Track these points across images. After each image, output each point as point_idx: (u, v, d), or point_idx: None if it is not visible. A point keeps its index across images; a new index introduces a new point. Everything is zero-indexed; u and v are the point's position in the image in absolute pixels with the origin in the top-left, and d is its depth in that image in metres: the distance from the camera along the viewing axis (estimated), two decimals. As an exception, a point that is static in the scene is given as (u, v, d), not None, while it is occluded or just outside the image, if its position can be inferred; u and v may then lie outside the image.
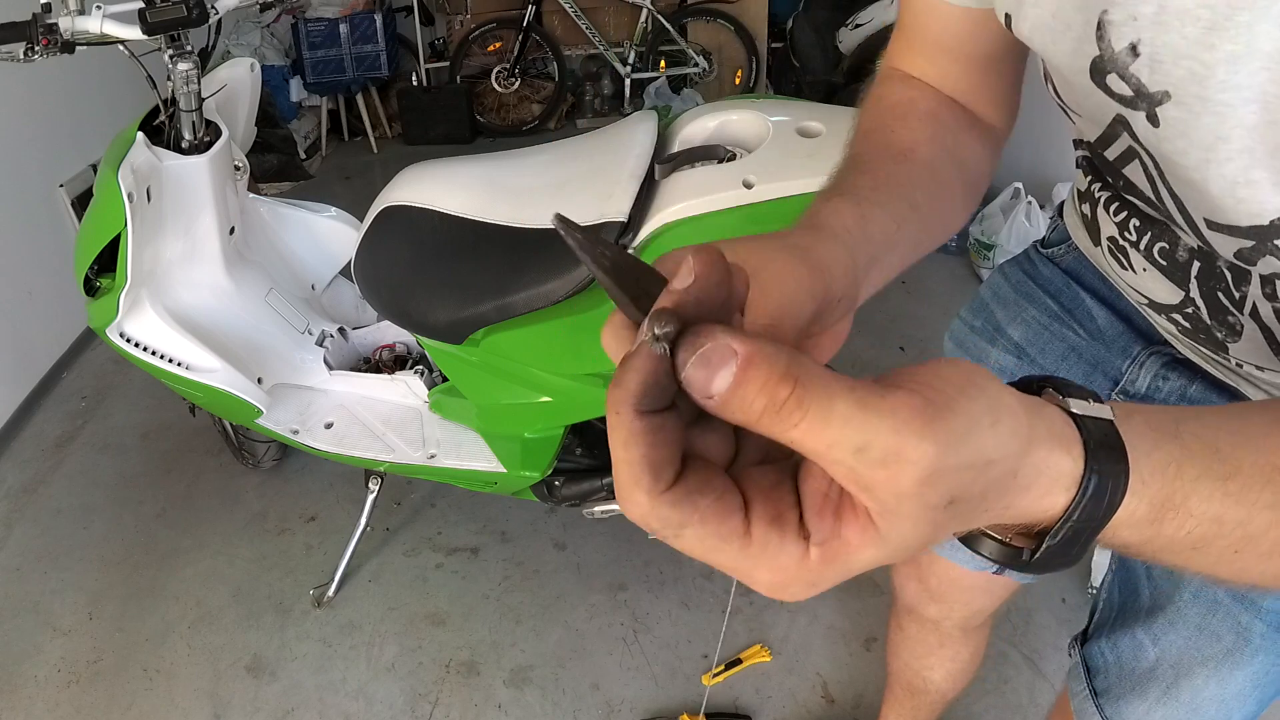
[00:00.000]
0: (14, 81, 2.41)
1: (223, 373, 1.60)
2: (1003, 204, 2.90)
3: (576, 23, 4.55)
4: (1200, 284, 0.59)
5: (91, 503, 2.15)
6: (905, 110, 0.58)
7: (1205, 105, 0.41)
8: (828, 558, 0.28)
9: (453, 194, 1.39)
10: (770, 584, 0.28)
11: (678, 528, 0.27)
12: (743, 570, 0.28)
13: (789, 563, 0.28)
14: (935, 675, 1.21)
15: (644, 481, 0.27)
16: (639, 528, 1.89)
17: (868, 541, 0.27)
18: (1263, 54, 0.38)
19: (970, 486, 0.27)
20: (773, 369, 0.26)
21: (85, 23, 1.38)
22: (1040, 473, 0.30)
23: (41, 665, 1.74)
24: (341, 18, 4.18)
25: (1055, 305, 0.82)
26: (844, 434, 0.25)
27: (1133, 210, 0.63)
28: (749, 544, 0.28)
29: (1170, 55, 0.41)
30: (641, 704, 1.62)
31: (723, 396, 0.26)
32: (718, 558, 0.28)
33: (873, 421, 0.25)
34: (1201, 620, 0.73)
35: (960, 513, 0.28)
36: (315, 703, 1.65)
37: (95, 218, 1.55)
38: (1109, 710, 0.82)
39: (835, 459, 0.26)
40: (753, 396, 0.26)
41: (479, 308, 1.34)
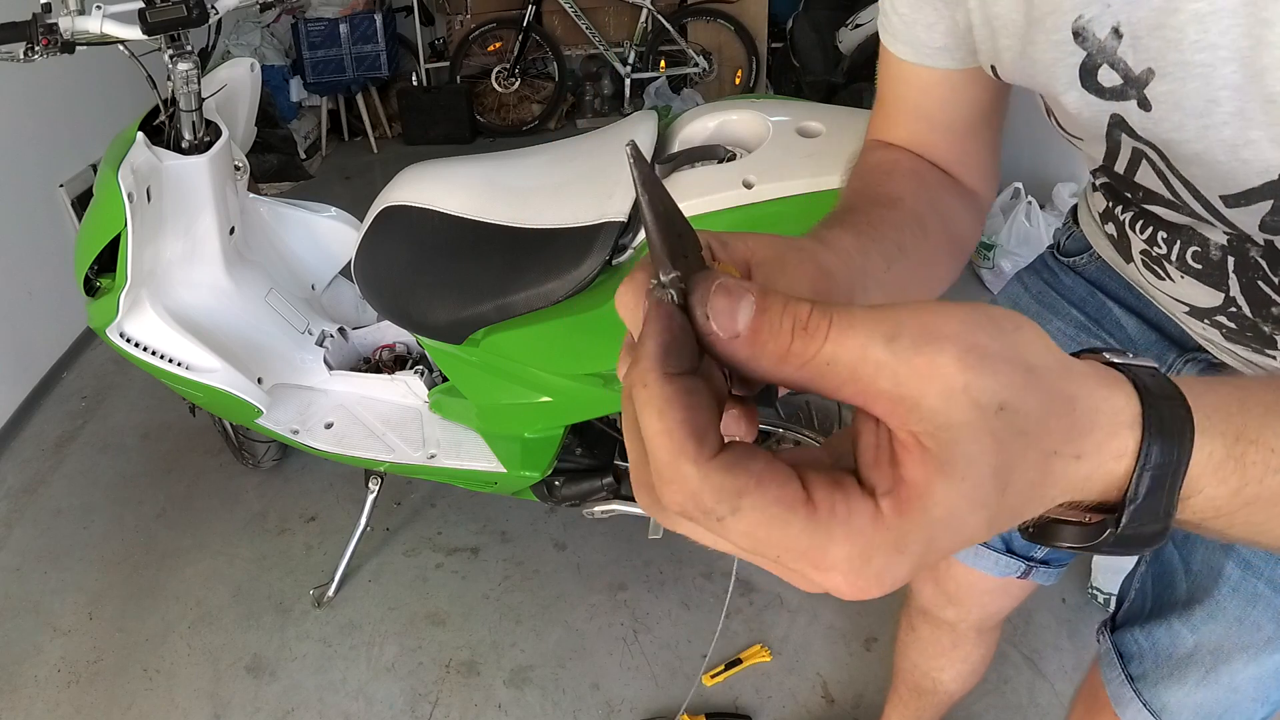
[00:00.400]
0: (14, 81, 2.41)
1: (223, 373, 1.60)
2: (1003, 204, 2.90)
3: (576, 23, 4.55)
4: (1239, 278, 0.59)
5: (91, 503, 2.15)
6: (890, 168, 0.59)
7: (1187, 70, 0.42)
8: (901, 507, 0.25)
9: (453, 194, 1.39)
10: (850, 560, 0.24)
11: (735, 498, 0.24)
12: (815, 549, 0.24)
13: (863, 523, 0.24)
14: (944, 676, 1.21)
15: (689, 449, 0.24)
16: (638, 528, 1.90)
17: (933, 472, 0.24)
18: (1229, 10, 0.39)
19: (1020, 393, 0.25)
20: (786, 296, 0.26)
21: (85, 23, 1.38)
22: (1097, 410, 0.28)
23: (41, 665, 1.74)
24: (341, 18, 4.18)
25: (1081, 315, 0.81)
26: (872, 328, 0.24)
27: (1157, 222, 0.63)
28: (815, 511, 0.24)
29: (1145, 29, 0.43)
30: (641, 704, 1.62)
31: (750, 325, 0.25)
32: (783, 536, 0.24)
33: (896, 313, 0.25)
34: (1241, 612, 0.74)
35: (1019, 428, 0.25)
36: (315, 703, 1.65)
37: (95, 218, 1.55)
38: (1147, 694, 0.82)
39: (872, 360, 0.24)
40: (778, 319, 0.25)
41: (479, 308, 1.34)
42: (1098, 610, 1.74)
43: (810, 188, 1.17)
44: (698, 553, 1.91)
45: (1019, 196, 2.85)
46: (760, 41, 4.65)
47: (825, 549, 0.24)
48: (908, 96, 0.61)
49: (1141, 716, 0.83)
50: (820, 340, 0.25)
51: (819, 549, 0.24)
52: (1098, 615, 1.74)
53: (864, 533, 0.24)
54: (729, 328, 0.25)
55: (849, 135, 1.24)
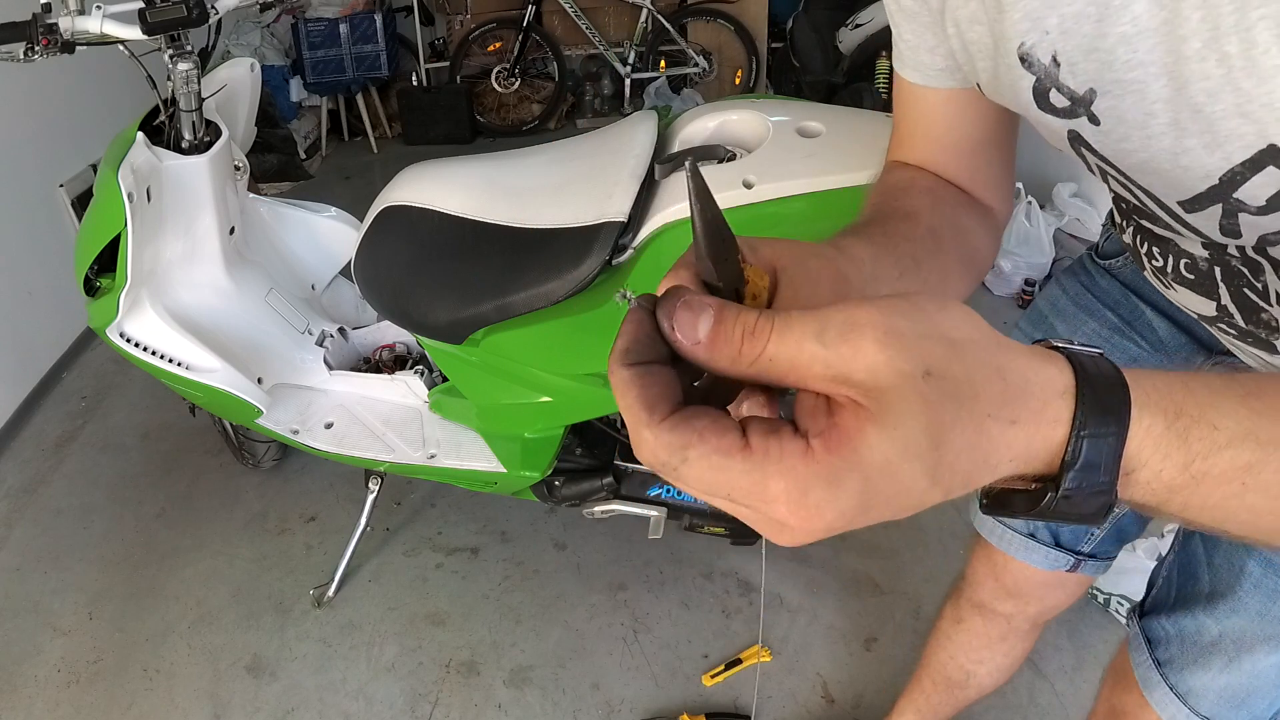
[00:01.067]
0: (14, 81, 2.41)
1: (223, 373, 1.60)
2: (1003, 204, 2.90)
3: (576, 23, 4.55)
4: (1227, 287, 0.61)
5: (91, 503, 2.15)
6: (907, 186, 0.63)
7: (1123, 87, 0.45)
8: (830, 445, 0.28)
9: (453, 194, 1.39)
10: (789, 492, 0.28)
11: (682, 450, 0.29)
12: (756, 486, 0.28)
13: (795, 460, 0.28)
14: (981, 669, 1.22)
15: (643, 416, 0.29)
16: (638, 528, 1.90)
17: (865, 420, 0.28)
18: (1150, 29, 0.42)
19: (943, 361, 0.29)
20: (738, 307, 0.30)
21: (85, 23, 1.38)
22: (1028, 380, 0.31)
23: (41, 665, 1.74)
24: (341, 18, 4.18)
25: (1115, 318, 0.84)
26: (804, 327, 0.29)
27: (1148, 235, 0.66)
28: (750, 453, 0.28)
29: (1080, 54, 0.46)
30: (641, 704, 1.62)
31: (710, 334, 0.30)
32: (727, 478, 0.28)
33: (825, 311, 0.29)
34: (1263, 607, 0.77)
35: (949, 391, 0.28)
36: (315, 703, 1.65)
37: (95, 218, 1.55)
38: (1173, 678, 0.86)
39: (806, 353, 0.29)
40: (730, 328, 0.30)
41: (479, 308, 1.34)
42: (1097, 611, 1.74)
43: (810, 188, 1.17)
44: (697, 553, 1.91)
45: (1019, 196, 2.85)
46: (760, 41, 4.65)
47: (764, 484, 0.28)
48: (918, 118, 0.64)
49: (1168, 699, 0.86)
50: (764, 341, 0.29)
51: (759, 485, 0.28)
52: (1098, 616, 1.74)
53: (796, 468, 0.28)
54: (690, 336, 0.30)
55: (849, 135, 1.24)
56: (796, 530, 0.29)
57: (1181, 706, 0.85)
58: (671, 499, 1.65)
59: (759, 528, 0.31)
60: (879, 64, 3.14)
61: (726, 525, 1.69)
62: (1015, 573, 1.04)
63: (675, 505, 1.65)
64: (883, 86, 3.18)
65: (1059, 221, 2.88)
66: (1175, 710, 0.86)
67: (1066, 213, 2.90)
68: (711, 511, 1.66)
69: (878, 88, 3.17)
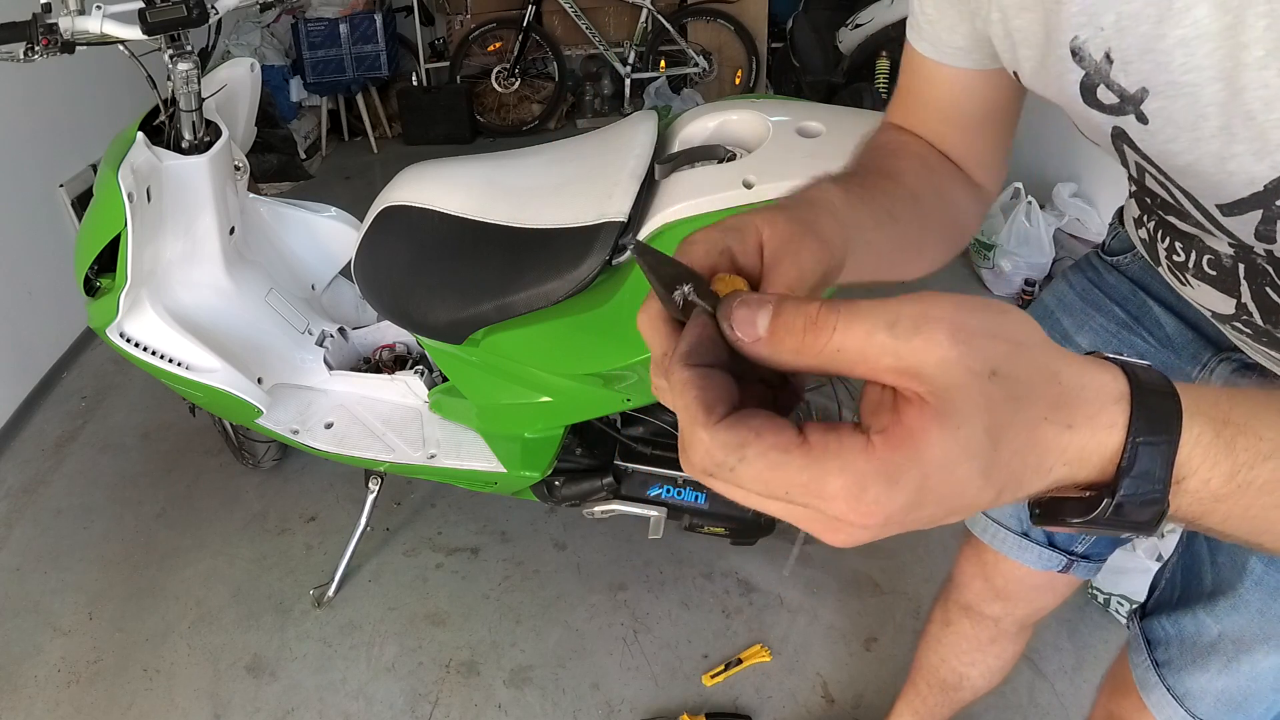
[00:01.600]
0: (14, 81, 2.41)
1: (223, 373, 1.60)
2: (1003, 204, 2.90)
3: (576, 23, 4.55)
4: (1249, 284, 0.61)
5: (91, 503, 2.15)
6: (896, 148, 0.62)
7: (1177, 89, 0.45)
8: (892, 441, 0.28)
9: (453, 194, 1.39)
10: (847, 489, 0.27)
11: (739, 449, 0.28)
12: (814, 482, 0.28)
13: (855, 457, 0.28)
14: (974, 672, 1.22)
15: (699, 417, 0.29)
16: (638, 528, 1.90)
17: (929, 419, 0.28)
18: (1211, 34, 0.41)
19: (1008, 361, 0.29)
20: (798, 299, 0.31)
21: (85, 23, 1.38)
22: (1084, 385, 0.31)
23: (41, 665, 1.74)
24: (341, 18, 4.18)
25: (1123, 314, 0.84)
26: (874, 317, 0.28)
27: (1173, 230, 0.65)
28: (809, 449, 0.28)
29: (1136, 53, 0.46)
30: (641, 704, 1.62)
31: (769, 328, 0.30)
32: (785, 475, 0.28)
33: (895, 304, 0.29)
34: (1263, 605, 0.77)
35: (1010, 393, 0.28)
36: (315, 703, 1.65)
37: (95, 218, 1.55)
38: (1171, 680, 0.86)
39: (876, 344, 0.28)
40: (791, 319, 0.30)
41: (479, 308, 1.34)
42: (1097, 611, 1.74)
43: (810, 188, 1.17)
44: (698, 553, 1.91)
45: (1019, 196, 2.85)
46: (760, 41, 4.65)
47: (823, 480, 0.28)
48: (924, 90, 0.64)
49: (1165, 701, 0.86)
50: (829, 332, 0.29)
51: (817, 481, 0.28)
52: (1098, 616, 1.74)
53: (855, 463, 0.28)
54: (750, 333, 0.31)
55: (849, 135, 1.24)
56: (853, 527, 0.29)
57: (1179, 709, 0.85)
58: (671, 499, 1.65)
59: (814, 528, 0.30)
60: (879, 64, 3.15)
61: (726, 526, 1.69)
62: (1006, 573, 1.03)
63: (675, 505, 1.65)
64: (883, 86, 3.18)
65: (1059, 221, 2.88)
66: (1173, 713, 0.85)
67: (1066, 213, 2.90)
68: (712, 511, 1.66)
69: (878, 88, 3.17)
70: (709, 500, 1.65)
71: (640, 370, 1.31)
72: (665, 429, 1.62)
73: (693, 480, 1.64)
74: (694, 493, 1.65)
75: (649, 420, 1.62)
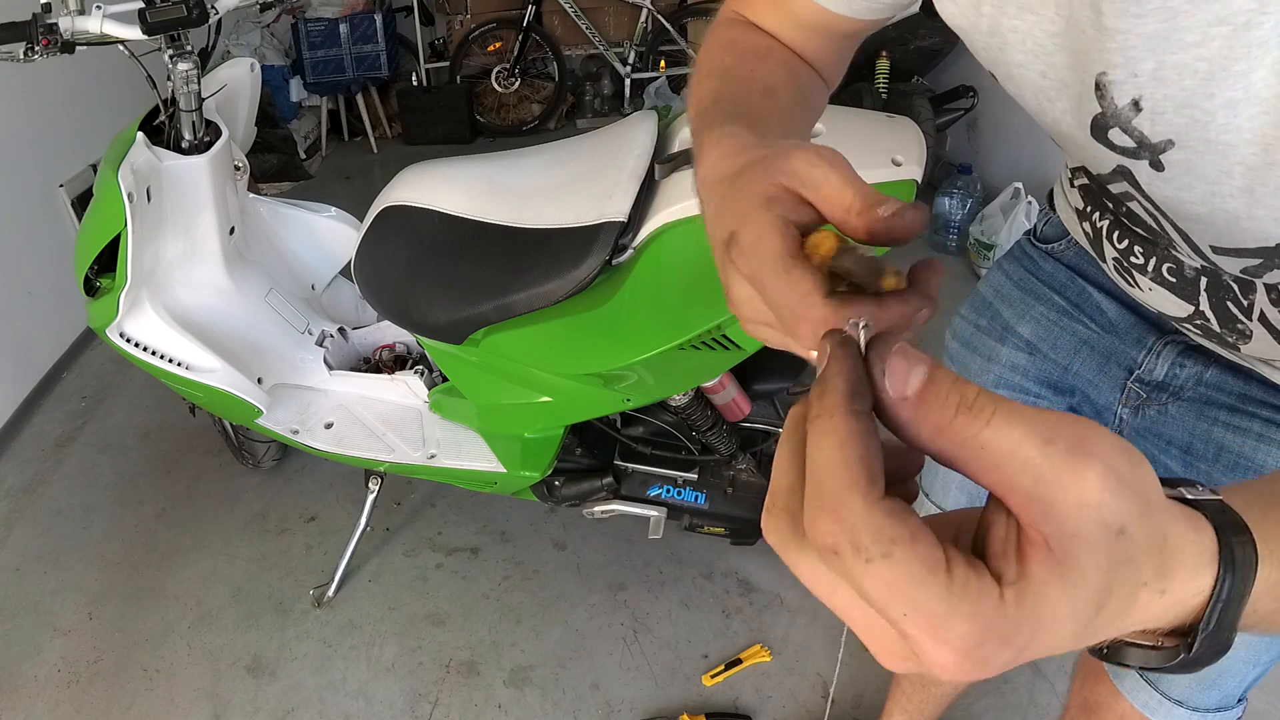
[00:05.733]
0: (14, 81, 2.40)
1: (223, 373, 1.60)
2: (1003, 204, 2.90)
3: (576, 23, 4.55)
4: (1209, 296, 0.60)
5: (91, 503, 2.15)
6: (763, 54, 0.58)
7: (1209, 146, 0.42)
8: (1021, 598, 0.25)
9: (453, 194, 1.39)
10: (966, 639, 0.25)
11: (889, 544, 0.25)
12: (940, 618, 0.25)
13: (989, 606, 0.25)
14: None
15: (861, 483, 0.25)
16: (638, 528, 1.89)
17: (1052, 574, 0.25)
18: (1260, 99, 0.39)
19: (1137, 521, 0.26)
20: (956, 377, 0.27)
21: (85, 23, 1.38)
22: (1184, 550, 0.29)
23: (41, 665, 1.74)
24: (341, 18, 4.18)
25: (1063, 301, 0.83)
26: (1032, 427, 0.26)
27: (1135, 237, 0.64)
28: (952, 581, 0.25)
29: (1172, 106, 0.42)
30: (641, 704, 1.62)
31: (920, 392, 0.27)
32: (918, 596, 0.25)
33: (1057, 421, 0.26)
34: None
35: (1129, 555, 0.26)
36: (315, 703, 1.65)
37: (95, 218, 1.55)
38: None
39: (1020, 457, 0.25)
40: (946, 392, 0.27)
41: (479, 308, 1.34)
42: (1098, 610, 1.74)
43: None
44: (697, 552, 1.91)
45: (1019, 196, 2.85)
46: (760, 41, 4.65)
47: (949, 621, 0.25)
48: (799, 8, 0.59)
49: (1139, 687, 0.85)
50: (983, 424, 0.26)
51: (943, 618, 0.25)
52: (1098, 615, 1.74)
53: (986, 615, 0.25)
54: (900, 389, 0.27)
55: (849, 135, 1.24)
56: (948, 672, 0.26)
57: (1153, 692, 0.84)
58: (671, 499, 1.65)
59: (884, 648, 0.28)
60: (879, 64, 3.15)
61: (726, 526, 1.69)
62: None
63: (675, 505, 1.65)
64: (882, 86, 3.19)
65: (1059, 221, 2.88)
66: (1147, 696, 0.85)
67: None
68: (711, 511, 1.66)
69: (877, 88, 3.17)
70: (708, 500, 1.65)
71: (640, 370, 1.31)
72: (665, 429, 1.62)
73: (692, 480, 1.64)
74: (694, 493, 1.65)
75: (649, 420, 1.62)
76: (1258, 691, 0.84)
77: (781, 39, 0.60)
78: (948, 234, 3.14)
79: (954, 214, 3.10)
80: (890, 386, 0.28)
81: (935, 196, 3.14)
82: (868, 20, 0.58)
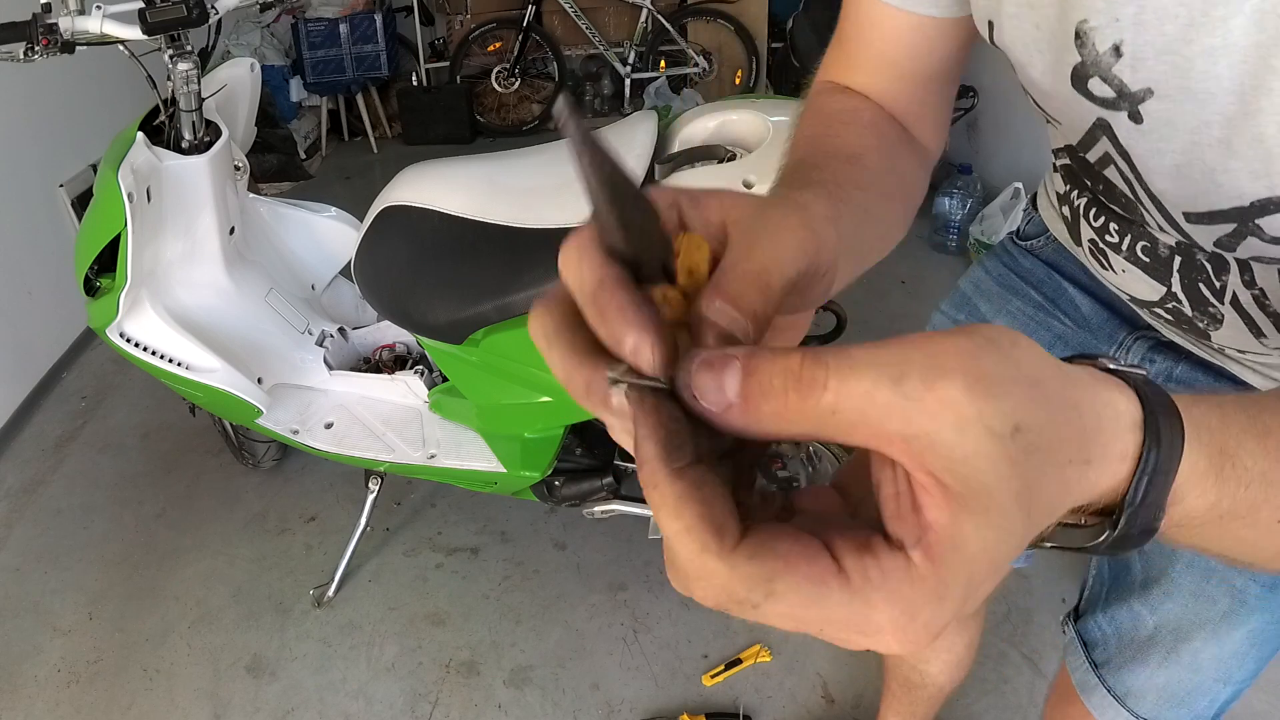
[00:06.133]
0: (14, 81, 2.41)
1: (223, 373, 1.60)
2: (1003, 204, 2.90)
3: (576, 23, 4.55)
4: (1182, 277, 0.60)
5: (91, 503, 2.15)
6: (849, 118, 0.56)
7: (1187, 95, 0.43)
8: (933, 555, 0.24)
9: (453, 194, 1.39)
10: (896, 621, 0.24)
11: (766, 584, 0.24)
12: (857, 618, 0.24)
13: (899, 582, 0.24)
14: (931, 669, 1.22)
15: (711, 545, 0.24)
16: (638, 528, 1.90)
17: (958, 511, 0.23)
18: (1239, 48, 0.39)
19: (1030, 409, 0.24)
20: (773, 351, 0.25)
21: (85, 23, 1.38)
22: (1100, 414, 0.27)
23: (41, 665, 1.74)
24: (341, 18, 4.18)
25: (1039, 296, 0.84)
26: (875, 369, 0.23)
27: (1111, 214, 0.64)
28: (848, 581, 0.24)
29: (1152, 52, 0.43)
30: (641, 704, 1.62)
31: (743, 392, 0.24)
32: (821, 612, 0.24)
33: (897, 349, 0.24)
34: (1197, 587, 0.75)
35: (1035, 445, 0.24)
36: (315, 703, 1.65)
37: (95, 218, 1.55)
38: (1111, 679, 0.84)
39: (878, 405, 0.23)
40: (767, 378, 0.24)
41: (479, 308, 1.34)
42: (1098, 610, 1.74)
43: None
44: (698, 553, 1.91)
45: (1019, 196, 2.85)
46: (760, 41, 4.65)
47: (867, 616, 0.24)
48: (875, 41, 0.57)
49: (1106, 702, 0.84)
50: (819, 391, 0.24)
51: (860, 617, 0.24)
52: (1098, 615, 1.74)
53: (902, 592, 0.24)
54: (719, 401, 0.25)
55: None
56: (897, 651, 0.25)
57: (1120, 710, 0.83)
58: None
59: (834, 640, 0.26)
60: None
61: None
62: None
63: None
64: (883, 86, 3.20)
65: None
66: (1115, 714, 0.83)
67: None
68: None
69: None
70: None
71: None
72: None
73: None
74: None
75: (649, 420, 1.62)
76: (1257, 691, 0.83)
77: (873, 96, 0.58)
78: (948, 234, 3.14)
79: (954, 214, 3.10)
80: (709, 404, 0.25)
81: (935, 196, 3.14)
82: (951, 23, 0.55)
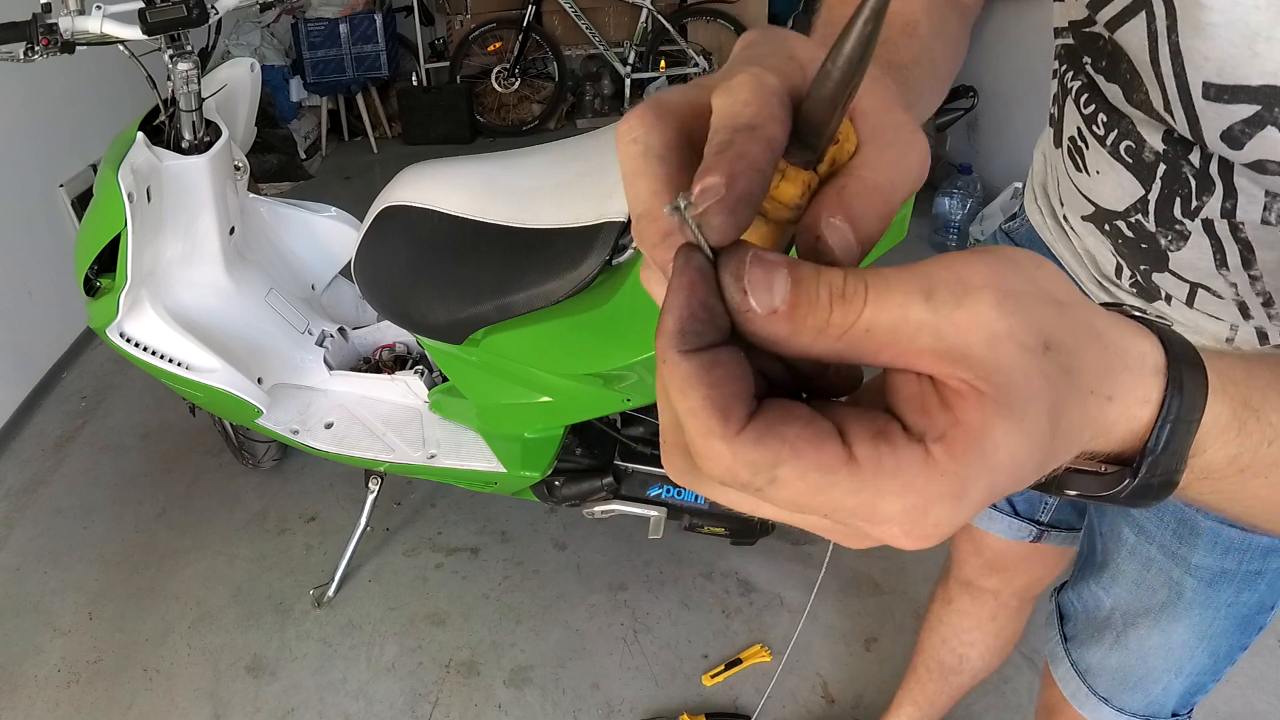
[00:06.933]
0: (14, 81, 2.41)
1: (223, 373, 1.60)
2: (1003, 204, 2.90)
3: (576, 23, 4.55)
4: (1163, 185, 0.59)
5: (91, 503, 2.15)
6: None
7: None
8: (955, 450, 0.23)
9: (453, 194, 1.39)
10: (907, 513, 0.23)
11: (770, 469, 0.23)
12: (865, 507, 0.23)
13: (914, 473, 0.23)
14: (973, 652, 1.22)
15: (715, 428, 0.23)
16: (638, 528, 1.90)
17: (992, 414, 0.23)
18: None
19: (1058, 327, 0.24)
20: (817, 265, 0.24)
21: (85, 23, 1.38)
22: (1126, 350, 0.27)
23: (41, 665, 1.74)
24: (341, 18, 4.18)
25: None
26: (907, 288, 0.23)
27: (1102, 102, 0.62)
28: (858, 468, 0.23)
29: None
30: (641, 704, 1.62)
31: (791, 299, 0.24)
32: (828, 499, 0.23)
33: (928, 269, 0.24)
34: (1138, 575, 0.76)
35: (1064, 365, 0.24)
36: (315, 703, 1.65)
37: (95, 218, 1.55)
38: (1075, 654, 0.86)
39: (912, 321, 0.23)
40: (814, 289, 0.24)
41: (479, 308, 1.34)
42: (1098, 610, 1.75)
43: (810, 188, 1.17)
44: (697, 553, 1.91)
45: (1019, 196, 2.85)
46: (760, 41, 4.65)
47: (876, 505, 0.23)
48: None
49: (1070, 675, 0.86)
50: (859, 306, 0.23)
51: (868, 505, 0.23)
52: (1098, 615, 1.74)
53: (917, 484, 0.23)
54: (766, 303, 0.23)
55: (849, 135, 1.24)
56: (905, 546, 0.24)
57: (1081, 684, 0.85)
58: (671, 499, 1.65)
59: (845, 541, 0.26)
60: None
61: (726, 525, 1.69)
62: (991, 545, 1.03)
63: (675, 505, 1.65)
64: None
65: (1059, 221, 2.88)
66: (1075, 687, 0.85)
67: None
68: (711, 511, 1.66)
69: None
70: (708, 500, 1.64)
71: (640, 370, 1.31)
72: (665, 429, 1.62)
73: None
74: (694, 492, 1.65)
75: (649, 420, 1.62)
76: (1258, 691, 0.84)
77: None
78: (948, 234, 3.14)
79: (954, 214, 3.10)
80: (757, 303, 0.24)
81: (935, 196, 3.14)
82: None
